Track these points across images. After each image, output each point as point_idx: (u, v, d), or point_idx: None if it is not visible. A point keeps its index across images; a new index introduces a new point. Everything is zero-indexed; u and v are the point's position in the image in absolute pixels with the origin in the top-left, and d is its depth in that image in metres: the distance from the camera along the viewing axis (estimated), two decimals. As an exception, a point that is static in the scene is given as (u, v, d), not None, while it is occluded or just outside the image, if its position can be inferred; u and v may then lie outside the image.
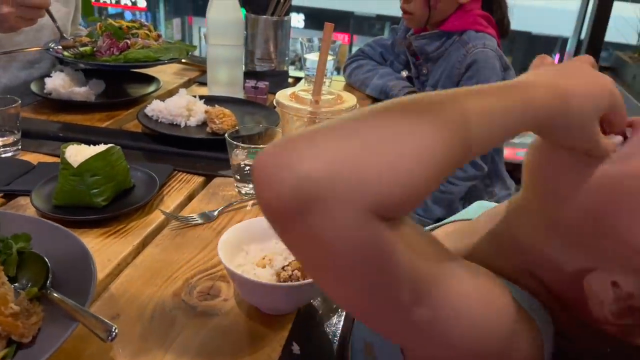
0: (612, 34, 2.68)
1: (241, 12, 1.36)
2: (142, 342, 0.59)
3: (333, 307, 0.69)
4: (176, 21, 7.49)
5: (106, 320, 0.52)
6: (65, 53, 1.27)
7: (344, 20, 7.05)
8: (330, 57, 1.56)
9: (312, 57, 1.46)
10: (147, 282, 0.69)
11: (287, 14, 1.54)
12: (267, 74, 1.55)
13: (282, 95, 0.80)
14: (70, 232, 0.68)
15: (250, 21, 1.54)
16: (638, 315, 0.45)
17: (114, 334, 0.50)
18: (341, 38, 6.66)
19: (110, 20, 1.33)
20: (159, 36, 1.37)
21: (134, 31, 1.32)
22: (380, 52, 1.64)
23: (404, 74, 1.64)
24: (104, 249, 0.75)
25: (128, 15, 7.59)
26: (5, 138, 0.99)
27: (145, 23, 1.39)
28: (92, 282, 0.58)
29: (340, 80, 1.70)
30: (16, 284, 0.61)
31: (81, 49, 1.28)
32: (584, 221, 0.45)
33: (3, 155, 0.99)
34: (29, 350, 0.53)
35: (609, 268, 0.45)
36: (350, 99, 0.81)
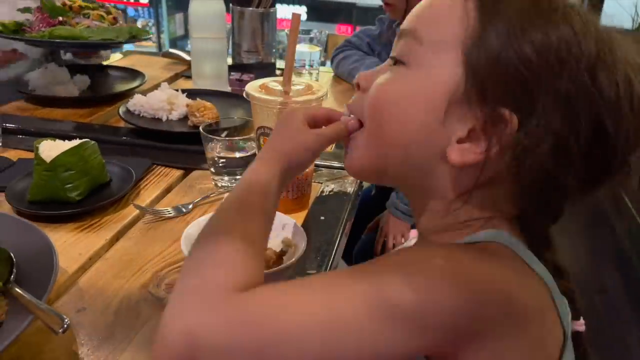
0: (607, 19, 2.65)
1: (223, 5, 1.35)
2: (105, 334, 0.59)
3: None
4: (178, 16, 7.49)
5: (59, 313, 0.52)
6: None
7: (346, 12, 7.01)
8: (316, 48, 1.55)
9: (298, 49, 1.46)
10: (116, 275, 0.69)
11: (272, 5, 1.53)
12: (254, 67, 1.55)
13: (252, 87, 0.80)
14: (36, 227, 0.68)
15: (236, 13, 1.53)
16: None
17: (65, 326, 0.51)
18: (344, 29, 6.64)
19: None
20: (115, 19, 1.32)
21: (86, 11, 1.27)
22: (368, 43, 1.63)
23: None
24: (76, 243, 0.75)
25: (131, 11, 7.61)
26: (-16, 135, 1.00)
27: (108, 5, 1.33)
28: (53, 276, 0.58)
29: (327, 72, 1.69)
30: (-19, 279, 0.62)
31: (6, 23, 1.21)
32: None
33: (-17, 152, 1.00)
34: (-11, 342, 0.54)
35: None
36: (321, 89, 0.80)
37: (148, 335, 0.60)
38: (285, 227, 0.69)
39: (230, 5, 1.53)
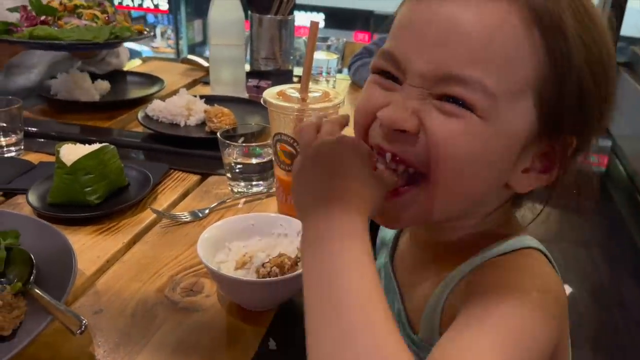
0: (628, 29, 2.62)
1: (242, 12, 1.37)
2: (121, 337, 0.60)
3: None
4: (197, 23, 7.59)
5: (77, 315, 0.53)
6: None
7: (364, 19, 7.02)
8: (334, 56, 1.56)
9: (316, 56, 1.46)
10: (133, 278, 0.70)
11: (291, 13, 1.54)
12: (271, 73, 1.56)
13: (270, 94, 0.80)
14: (57, 229, 0.69)
15: (254, 21, 1.54)
16: None
17: (83, 327, 0.51)
18: (361, 37, 6.66)
19: None
20: (108, 19, 1.24)
21: (79, 10, 1.21)
22: None
23: None
24: (94, 246, 0.76)
25: (150, 18, 7.71)
26: (8, 138, 1.02)
27: (106, 4, 1.26)
28: (71, 278, 0.59)
29: (345, 79, 1.69)
30: (3, 279, 0.63)
31: None
32: None
33: (6, 155, 1.02)
34: (9, 342, 0.55)
35: None
36: (338, 96, 0.80)
37: (163, 338, 0.60)
38: (300, 234, 0.70)
39: (249, 12, 1.54)
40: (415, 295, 0.57)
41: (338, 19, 6.70)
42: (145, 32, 1.30)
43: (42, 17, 1.16)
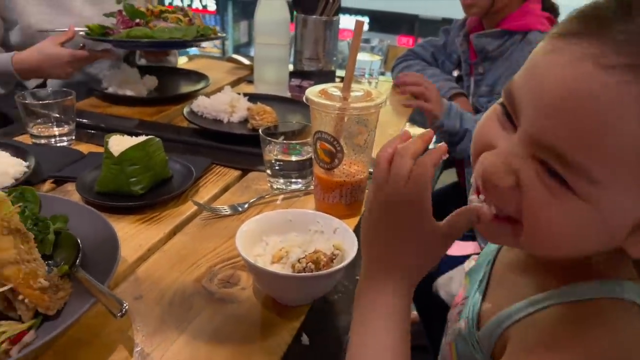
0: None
1: (288, 13, 1.38)
2: (159, 323, 0.62)
3: (348, 304, 0.69)
4: (243, 24, 7.71)
5: (119, 298, 0.55)
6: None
7: (409, 24, 6.96)
8: (377, 57, 1.56)
9: (359, 57, 1.46)
10: (172, 268, 0.72)
11: (336, 14, 1.55)
12: (314, 74, 1.57)
13: (312, 92, 0.81)
14: (103, 217, 0.72)
15: (299, 21, 1.56)
16: None
17: (124, 310, 0.53)
18: (405, 41, 6.60)
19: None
20: (191, 21, 1.37)
21: (165, 15, 1.34)
22: (432, 52, 1.62)
23: (456, 73, 1.61)
24: (137, 235, 0.79)
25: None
26: (60, 128, 1.06)
27: (187, 9, 1.40)
28: (115, 264, 0.61)
29: (387, 81, 1.69)
30: (51, 261, 0.66)
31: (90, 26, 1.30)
32: None
33: (58, 144, 1.06)
34: (53, 322, 0.57)
35: None
36: (380, 96, 0.80)
37: (199, 327, 0.61)
38: (337, 232, 0.70)
39: (295, 12, 1.56)
40: (495, 298, 0.57)
41: (382, 22, 6.66)
42: (219, 34, 1.39)
43: (136, 20, 1.30)
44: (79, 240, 0.67)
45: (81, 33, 1.28)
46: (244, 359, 0.58)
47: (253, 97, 1.26)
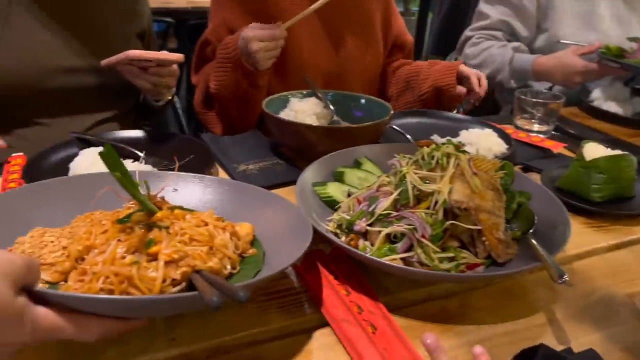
0: None
1: None
2: (579, 313, 0.67)
3: None
4: None
5: (560, 268, 0.63)
6: None
7: None
8: None
9: None
10: (606, 276, 0.75)
11: None
12: None
13: None
14: (559, 202, 0.79)
15: None
16: None
17: (564, 279, 0.61)
18: None
19: None
20: None
21: None
22: None
23: None
24: (580, 234, 0.84)
25: None
26: (540, 125, 1.19)
27: None
28: (564, 243, 0.69)
29: None
30: (507, 225, 0.79)
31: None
32: None
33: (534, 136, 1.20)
34: (498, 268, 0.71)
35: None
36: None
37: (617, 334, 0.63)
38: None
39: None
40: None
41: None
42: None
43: None
44: (535, 216, 0.78)
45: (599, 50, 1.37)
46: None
47: None
